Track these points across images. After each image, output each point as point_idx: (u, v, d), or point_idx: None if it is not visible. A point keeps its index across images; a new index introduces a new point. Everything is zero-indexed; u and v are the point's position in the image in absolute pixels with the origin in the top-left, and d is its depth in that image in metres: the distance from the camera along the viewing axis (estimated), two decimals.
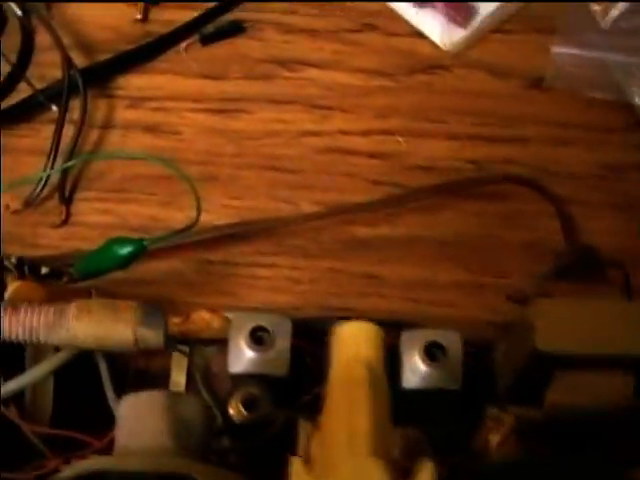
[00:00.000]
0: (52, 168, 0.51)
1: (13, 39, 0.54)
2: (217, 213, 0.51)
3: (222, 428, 0.44)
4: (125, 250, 0.44)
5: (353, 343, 0.35)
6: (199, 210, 0.44)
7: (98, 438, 0.41)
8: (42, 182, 0.50)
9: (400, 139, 0.53)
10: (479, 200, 0.52)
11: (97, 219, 0.52)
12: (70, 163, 0.50)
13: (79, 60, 0.54)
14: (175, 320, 0.46)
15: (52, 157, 0.51)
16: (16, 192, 0.51)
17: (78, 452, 0.41)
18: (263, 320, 0.44)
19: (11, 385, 0.41)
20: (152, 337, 0.40)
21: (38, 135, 0.53)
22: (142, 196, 0.52)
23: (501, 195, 0.51)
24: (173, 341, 0.44)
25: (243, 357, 0.44)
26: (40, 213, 0.52)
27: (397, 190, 0.51)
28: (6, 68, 0.53)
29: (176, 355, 0.47)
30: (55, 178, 0.51)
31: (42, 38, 0.54)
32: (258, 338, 0.44)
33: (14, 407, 0.41)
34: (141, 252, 0.44)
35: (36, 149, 0.52)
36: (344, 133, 0.53)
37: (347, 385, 0.34)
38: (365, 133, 0.53)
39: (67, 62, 0.52)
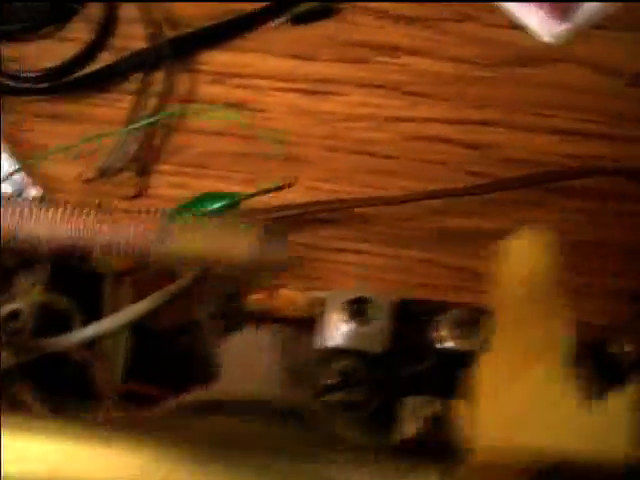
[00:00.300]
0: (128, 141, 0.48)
1: (97, 8, 0.52)
2: (302, 195, 0.48)
3: None
4: (217, 204, 0.41)
5: (527, 254, 0.32)
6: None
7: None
8: (117, 151, 0.48)
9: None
10: (582, 197, 0.48)
11: (173, 193, 0.49)
12: (149, 120, 0.47)
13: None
14: (258, 296, 0.43)
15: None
16: (91, 160, 0.48)
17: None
18: (362, 293, 0.41)
19: (88, 331, 0.37)
20: (275, 251, 0.35)
21: (116, 105, 0.50)
22: (221, 173, 0.49)
23: (604, 193, 0.48)
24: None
25: (339, 330, 0.41)
26: (114, 184, 0.49)
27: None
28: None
29: None
30: (131, 149, 0.49)
31: (126, 10, 0.52)
32: (356, 311, 0.41)
33: (88, 354, 0.37)
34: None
35: (114, 119, 0.49)
36: (436, 121, 0.50)
37: (530, 294, 0.30)
38: (458, 122, 0.50)
39: (154, 32, 0.50)
